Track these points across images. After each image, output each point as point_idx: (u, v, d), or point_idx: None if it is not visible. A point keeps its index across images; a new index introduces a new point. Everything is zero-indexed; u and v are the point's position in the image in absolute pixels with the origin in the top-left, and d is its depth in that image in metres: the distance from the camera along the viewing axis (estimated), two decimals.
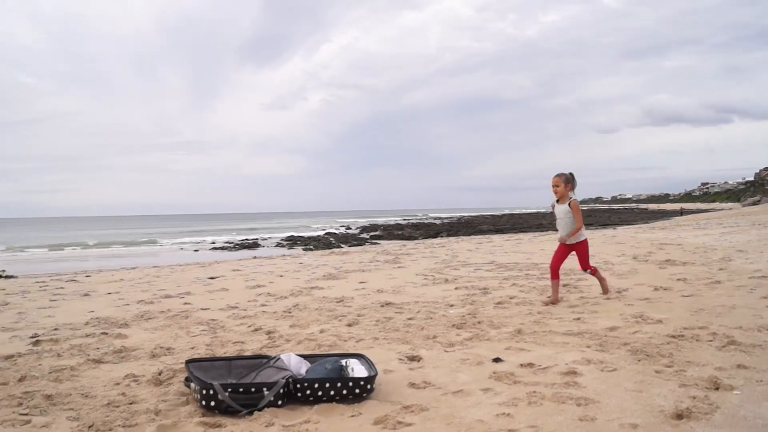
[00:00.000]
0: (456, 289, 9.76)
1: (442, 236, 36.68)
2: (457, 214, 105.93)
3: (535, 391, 4.31)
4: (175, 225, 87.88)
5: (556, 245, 8.38)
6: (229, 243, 39.85)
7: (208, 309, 8.60)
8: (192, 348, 6.05)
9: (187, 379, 4.47)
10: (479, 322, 6.88)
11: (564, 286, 9.43)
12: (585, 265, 8.16)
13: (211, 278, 13.17)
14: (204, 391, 4.04)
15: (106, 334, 6.93)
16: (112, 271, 17.28)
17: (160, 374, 4.96)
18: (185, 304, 9.21)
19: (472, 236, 33.09)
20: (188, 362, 4.61)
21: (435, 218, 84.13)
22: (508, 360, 5.23)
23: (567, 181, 7.98)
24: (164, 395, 4.46)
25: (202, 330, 7.03)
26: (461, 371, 4.96)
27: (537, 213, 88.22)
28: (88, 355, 5.84)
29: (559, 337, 6.08)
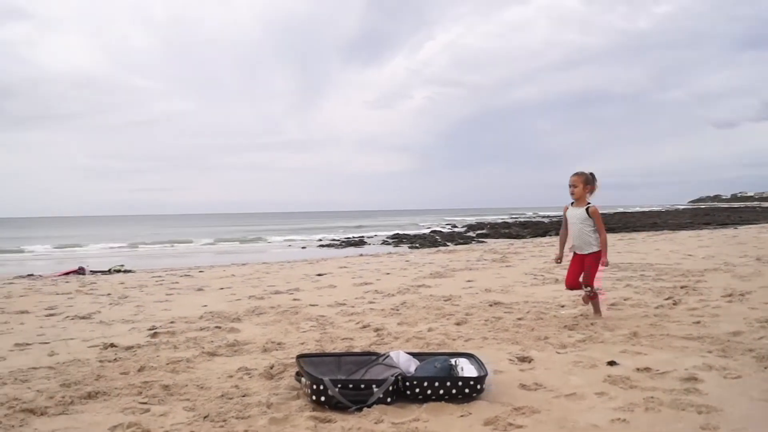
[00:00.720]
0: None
1: (550, 235, 35.99)
2: None
3: (652, 397, 4.15)
4: (282, 222, 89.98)
5: (671, 245, 7.96)
6: (336, 240, 40.44)
7: (317, 305, 8.76)
8: (302, 343, 6.18)
9: (297, 374, 4.56)
10: (592, 324, 6.71)
11: (682, 287, 9.07)
12: (588, 281, 7.06)
13: (319, 275, 13.41)
14: (314, 386, 4.11)
15: (220, 327, 7.18)
16: (224, 267, 17.86)
17: (271, 368, 5.09)
18: (294, 300, 9.42)
19: None
20: (299, 357, 4.71)
21: (543, 216, 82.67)
22: (624, 363, 5.07)
23: (587, 182, 7.05)
24: (275, 389, 4.57)
25: (312, 326, 7.17)
26: (574, 374, 4.84)
27: (650, 211, 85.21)
28: (203, 347, 6.06)
29: (677, 341, 5.84)
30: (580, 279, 7.13)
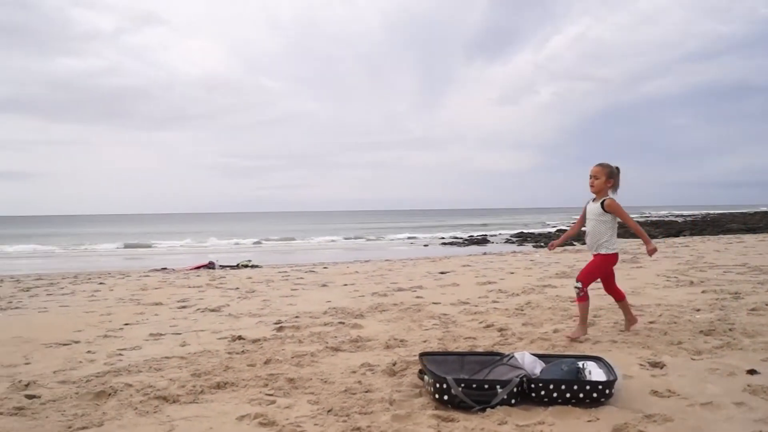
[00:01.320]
0: (703, 292, 9.10)
1: (684, 235, 34.47)
2: (702, 212, 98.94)
3: None
4: (404, 220, 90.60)
5: None
6: (458, 239, 40.34)
7: (440, 303, 8.75)
8: (424, 341, 6.18)
9: (420, 372, 4.56)
10: (730, 330, 6.36)
11: None
12: (584, 277, 6.19)
13: (442, 273, 13.41)
14: (437, 385, 4.10)
15: (343, 323, 7.30)
16: (347, 264, 18.16)
17: (394, 365, 5.12)
18: (417, 297, 9.46)
19: (720, 236, 30.77)
20: (422, 355, 4.72)
21: (677, 216, 79.31)
22: (765, 372, 4.78)
23: (610, 175, 6.20)
24: (398, 386, 4.59)
25: (434, 324, 7.17)
26: (710, 381, 4.60)
27: None
28: (327, 342, 6.18)
29: None
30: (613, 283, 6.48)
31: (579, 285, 6.12)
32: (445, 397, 4.07)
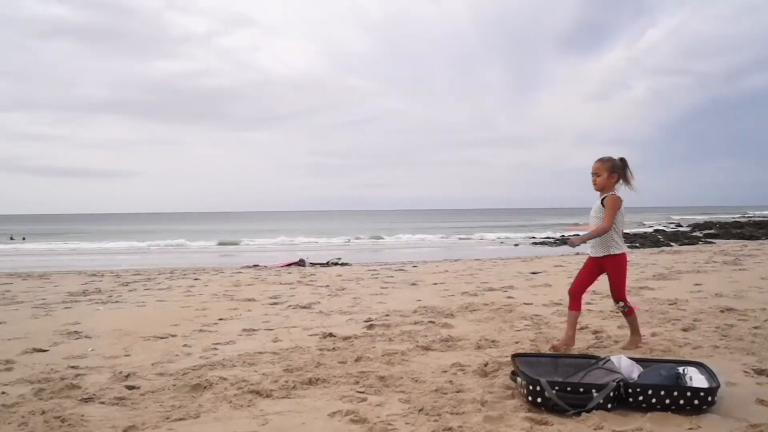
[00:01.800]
0: None
1: None
2: None
3: None
4: (495, 219, 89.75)
5: None
6: (549, 238, 39.68)
7: (531, 304, 8.64)
8: (516, 342, 6.12)
9: (513, 373, 4.52)
10: None
11: None
12: (618, 293, 5.86)
13: (534, 273, 13.23)
14: (531, 387, 4.05)
15: (433, 322, 7.30)
16: (437, 263, 18.15)
17: (485, 366, 5.08)
18: (508, 297, 9.36)
19: None
20: (514, 356, 4.67)
21: None
22: None
23: (612, 169, 5.67)
24: (490, 387, 4.56)
25: (526, 325, 7.09)
26: None
27: None
28: (417, 341, 6.19)
29: None
30: (588, 289, 6.02)
31: (621, 304, 5.83)
32: (539, 400, 4.02)
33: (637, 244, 30.92)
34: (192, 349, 6.18)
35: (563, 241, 35.78)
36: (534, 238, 41.04)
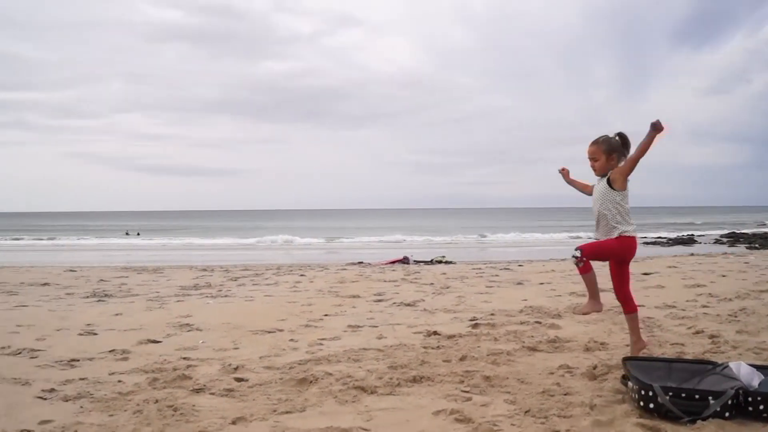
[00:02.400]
0: None
1: None
2: None
3: None
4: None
5: None
6: (662, 238, 38.43)
7: (643, 306, 8.35)
8: (627, 345, 5.91)
9: (624, 377, 4.40)
10: None
11: None
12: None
13: (645, 274, 12.83)
14: (642, 392, 3.93)
15: (540, 323, 7.19)
16: (543, 262, 17.87)
17: (594, 368, 4.97)
18: None
19: None
20: (625, 359, 4.55)
21: None
22: None
23: (610, 149, 5.09)
24: (599, 390, 4.45)
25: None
26: None
27: None
28: (524, 342, 6.12)
29: None
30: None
31: (577, 254, 5.06)
32: (651, 406, 3.90)
33: (757, 245, 29.54)
34: (298, 344, 6.32)
35: (676, 240, 34.60)
36: (645, 237, 39.85)
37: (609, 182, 5.08)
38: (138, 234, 51.04)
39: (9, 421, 3.98)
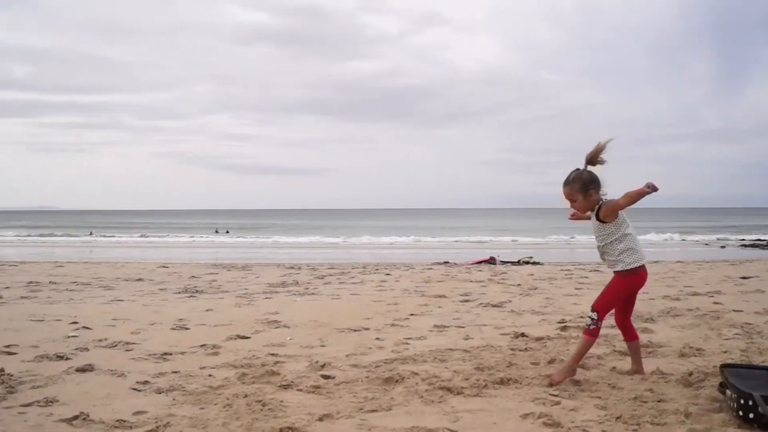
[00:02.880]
0: None
1: None
2: None
3: None
4: (697, 218, 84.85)
5: None
6: (762, 241, 36.96)
7: (742, 311, 8.08)
8: (724, 352, 5.75)
9: (721, 385, 4.25)
10: None
11: None
12: (597, 303, 5.02)
13: (744, 278, 12.37)
14: (742, 401, 3.79)
15: None
16: None
17: (690, 375, 4.82)
18: (715, 303, 8.81)
19: None
20: (723, 366, 4.39)
21: None
22: None
23: (584, 187, 4.82)
24: (695, 398, 4.31)
25: (735, 333, 6.63)
26: None
27: None
28: (614, 346, 5.97)
29: None
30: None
31: (594, 316, 4.90)
32: (751, 416, 3.75)
33: None
34: (384, 343, 6.35)
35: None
36: (744, 240, 38.41)
37: (599, 217, 4.88)
38: (227, 232, 52.37)
39: (105, 411, 4.14)
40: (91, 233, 49.45)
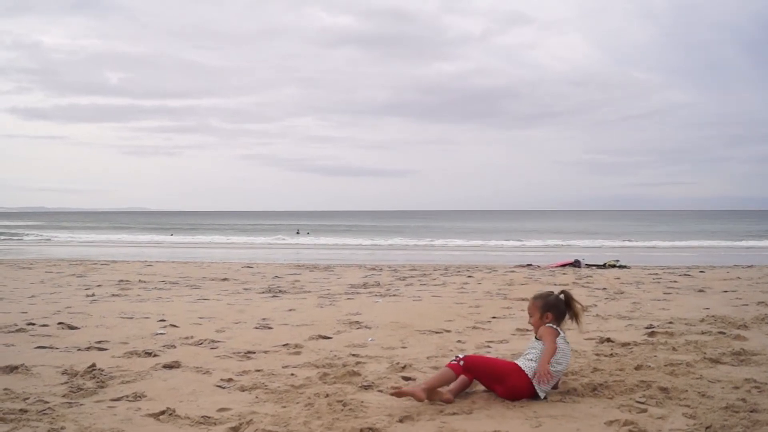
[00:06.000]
0: None
1: None
2: None
3: None
4: None
5: None
6: None
7: None
8: None
9: None
10: None
11: None
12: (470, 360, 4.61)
13: None
14: None
15: (723, 333, 6.78)
16: (727, 268, 16.85)
17: None
18: None
19: None
20: None
21: None
22: None
23: (545, 307, 4.83)
24: None
25: None
26: None
27: None
28: (705, 353, 5.79)
29: None
30: None
31: (460, 355, 4.74)
32: None
33: None
34: (465, 346, 6.33)
35: None
36: None
37: (537, 335, 4.82)
38: (308, 233, 53.05)
39: (191, 407, 4.26)
40: (171, 234, 51.12)
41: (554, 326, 4.78)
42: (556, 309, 4.90)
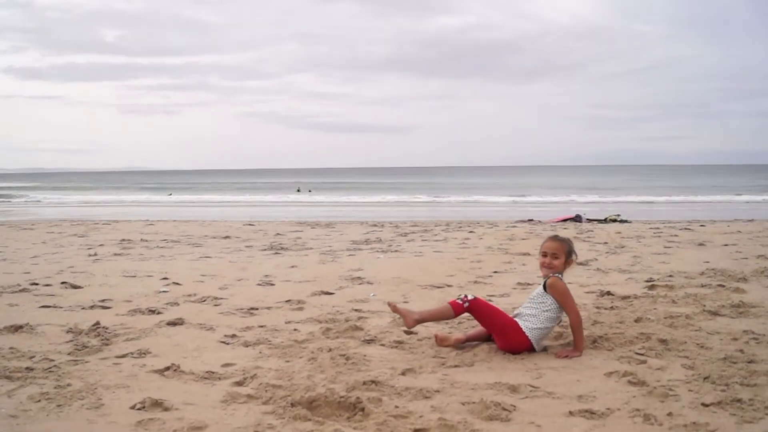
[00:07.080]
0: None
1: None
2: None
3: None
4: None
5: None
6: None
7: None
8: None
9: None
10: None
11: None
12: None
13: None
14: None
15: (723, 286, 6.83)
16: (727, 222, 16.87)
17: None
18: None
19: None
20: None
21: None
22: None
23: (569, 253, 4.81)
24: None
25: None
26: None
27: None
28: (704, 305, 5.85)
29: None
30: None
31: (469, 297, 4.75)
32: None
33: None
34: None
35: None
36: None
37: (545, 286, 4.74)
38: (309, 191, 52.91)
39: (196, 363, 4.33)
40: (170, 194, 50.83)
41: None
42: (574, 255, 4.89)
